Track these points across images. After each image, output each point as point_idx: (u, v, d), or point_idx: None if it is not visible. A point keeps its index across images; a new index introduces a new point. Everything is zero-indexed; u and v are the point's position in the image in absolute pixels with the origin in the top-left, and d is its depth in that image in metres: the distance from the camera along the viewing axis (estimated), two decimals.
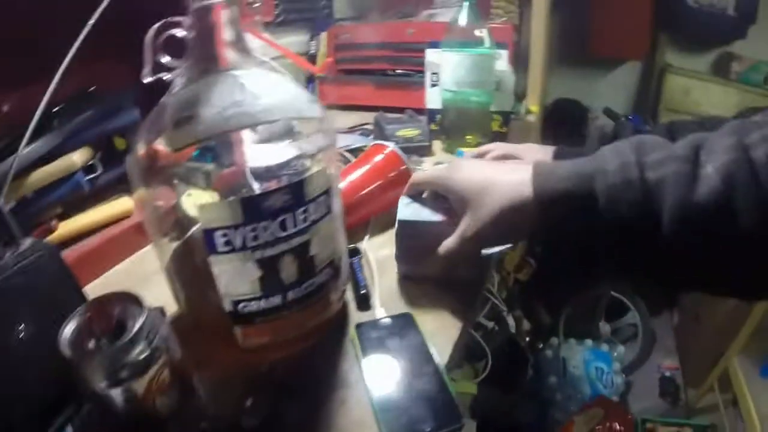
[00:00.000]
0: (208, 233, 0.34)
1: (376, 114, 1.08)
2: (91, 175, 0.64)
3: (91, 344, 0.30)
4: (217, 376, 0.40)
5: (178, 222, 0.41)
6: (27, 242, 0.35)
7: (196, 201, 0.37)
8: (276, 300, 0.38)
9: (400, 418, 0.37)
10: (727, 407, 1.49)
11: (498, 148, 0.79)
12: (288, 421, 0.37)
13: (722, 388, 1.53)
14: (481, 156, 0.79)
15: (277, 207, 0.35)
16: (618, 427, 1.29)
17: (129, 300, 0.32)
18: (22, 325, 0.33)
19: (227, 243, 0.34)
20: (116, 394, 0.30)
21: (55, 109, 0.62)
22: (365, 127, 1.11)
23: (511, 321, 1.57)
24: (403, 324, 0.47)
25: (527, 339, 1.69)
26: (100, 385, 0.29)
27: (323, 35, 1.43)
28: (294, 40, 1.48)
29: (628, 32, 2.54)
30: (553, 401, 1.53)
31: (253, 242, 0.35)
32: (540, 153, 0.76)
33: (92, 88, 0.68)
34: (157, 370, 0.31)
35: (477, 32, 0.92)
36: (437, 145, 1.00)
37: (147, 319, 0.30)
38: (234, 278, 0.36)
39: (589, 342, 1.74)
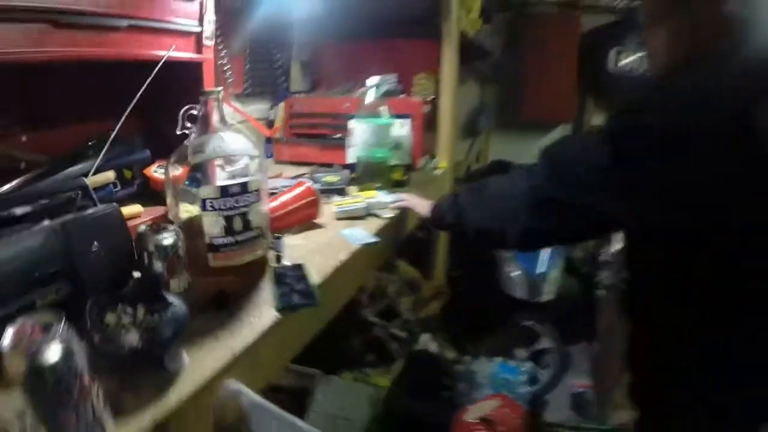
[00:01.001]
0: (203, 201, 0.82)
1: (313, 167, 1.59)
2: (115, 189, 1.11)
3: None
4: (199, 284, 0.87)
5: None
6: (102, 206, 0.82)
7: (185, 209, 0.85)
8: (231, 239, 0.85)
9: (284, 297, 0.84)
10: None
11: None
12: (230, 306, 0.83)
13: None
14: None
15: (234, 192, 0.83)
16: (511, 413, 1.71)
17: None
18: (96, 245, 0.77)
19: (211, 207, 0.82)
20: (158, 266, 0.76)
21: (91, 142, 1.09)
22: (304, 175, 1.60)
23: (426, 337, 2.04)
24: (298, 268, 0.94)
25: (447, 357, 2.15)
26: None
27: (281, 105, 1.95)
28: (258, 107, 1.99)
29: (556, 98, 3.16)
30: (461, 404, 1.96)
31: (222, 207, 0.83)
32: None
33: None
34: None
35: (380, 108, 1.45)
36: (353, 188, 1.49)
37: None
38: (212, 226, 0.84)
39: (498, 359, 2.19)
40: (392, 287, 1.80)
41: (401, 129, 1.54)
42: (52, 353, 0.46)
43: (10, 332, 0.47)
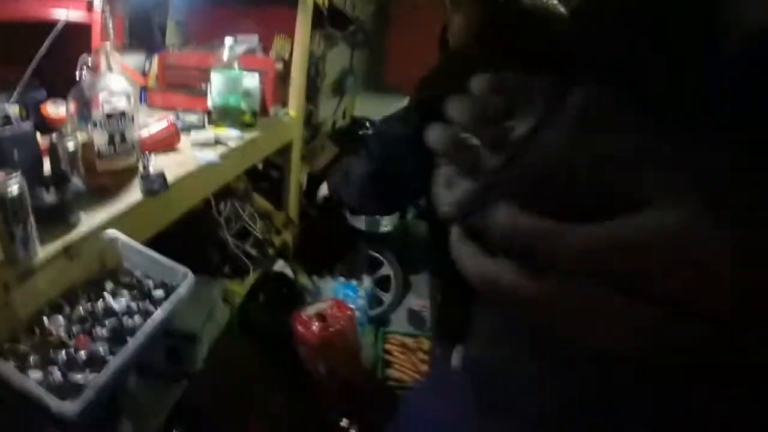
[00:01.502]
0: (95, 122, 1.25)
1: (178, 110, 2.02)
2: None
3: None
4: (90, 181, 1.30)
5: None
6: (23, 124, 1.23)
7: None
8: (112, 149, 1.29)
9: (147, 185, 1.29)
10: None
11: None
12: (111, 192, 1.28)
13: None
14: None
15: (115, 116, 1.27)
16: (339, 311, 2.26)
17: None
18: (17, 151, 1.20)
19: (100, 126, 1.25)
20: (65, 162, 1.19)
21: None
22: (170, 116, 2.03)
23: (281, 263, 2.55)
24: (158, 173, 1.39)
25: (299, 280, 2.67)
26: None
27: (156, 57, 2.33)
28: (136, 59, 2.36)
29: (417, 67, 3.69)
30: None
31: (106, 126, 1.26)
32: None
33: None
34: None
35: (235, 62, 1.90)
36: (210, 127, 1.93)
37: None
38: (99, 139, 1.27)
39: (342, 279, 2.75)
40: (246, 214, 2.27)
41: (251, 81, 2.00)
42: (13, 188, 0.90)
43: None
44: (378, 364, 2.57)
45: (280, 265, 2.61)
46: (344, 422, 1.85)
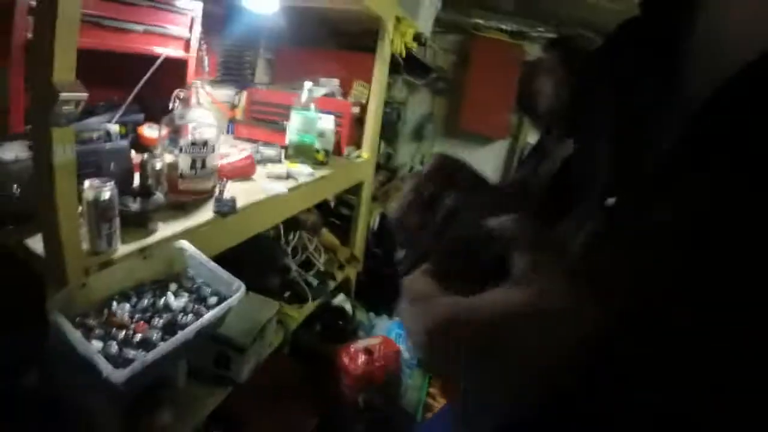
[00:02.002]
0: (181, 147, 1.48)
1: (260, 143, 2.27)
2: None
3: None
4: (171, 197, 1.53)
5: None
6: (120, 141, 1.48)
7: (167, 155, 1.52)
8: (193, 172, 1.52)
9: (219, 207, 1.51)
10: None
11: None
12: (186, 209, 1.50)
13: None
14: None
15: (199, 144, 1.50)
16: (387, 348, 2.39)
17: None
18: (113, 164, 1.44)
19: (185, 150, 1.48)
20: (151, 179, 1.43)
21: (100, 103, 1.76)
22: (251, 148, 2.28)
23: (341, 297, 2.74)
24: (231, 198, 1.60)
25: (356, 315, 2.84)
26: None
27: (245, 92, 2.62)
28: (226, 92, 2.66)
29: (492, 115, 3.89)
30: None
31: (190, 151, 1.49)
32: None
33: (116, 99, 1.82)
34: None
35: (311, 104, 2.13)
36: (285, 161, 2.16)
37: None
38: (183, 163, 1.50)
39: (397, 318, 2.89)
40: (313, 246, 2.47)
41: (326, 122, 2.22)
42: (105, 194, 1.12)
43: (87, 182, 1.13)
44: (419, 408, 2.66)
45: (340, 299, 2.81)
46: None
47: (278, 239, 2.31)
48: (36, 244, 1.13)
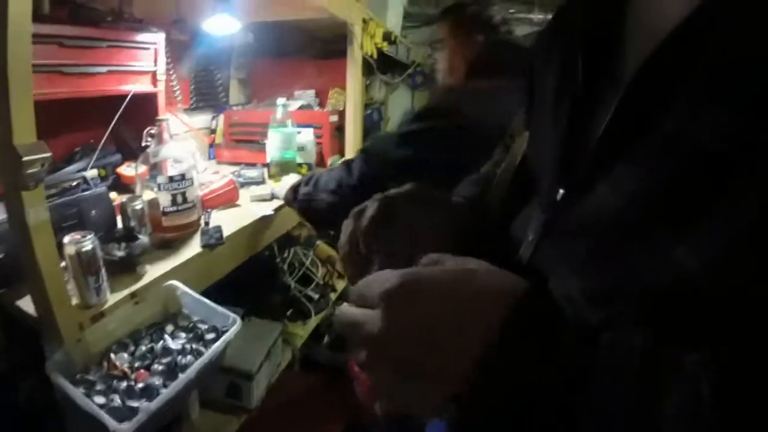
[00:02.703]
0: (159, 184, 1.48)
1: (242, 165, 2.26)
2: (99, 182, 1.76)
3: None
4: (156, 235, 1.53)
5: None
6: (97, 189, 1.48)
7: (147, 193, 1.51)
8: (175, 208, 1.51)
9: (205, 239, 1.50)
10: None
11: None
12: (173, 246, 1.50)
13: None
14: None
15: (177, 179, 1.49)
16: None
17: None
18: (94, 211, 1.43)
19: (164, 188, 1.48)
20: (133, 221, 1.42)
21: (76, 150, 1.75)
22: (234, 172, 2.27)
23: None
24: (216, 227, 1.60)
25: None
26: None
27: (221, 116, 2.61)
28: (202, 118, 2.65)
29: None
30: None
31: (169, 188, 1.49)
32: None
33: (92, 143, 1.81)
34: None
35: (288, 119, 2.13)
36: (270, 181, 2.16)
37: None
38: (164, 199, 1.50)
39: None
40: (308, 260, 2.46)
41: (305, 136, 2.22)
42: (87, 246, 1.12)
43: (66, 238, 1.12)
44: None
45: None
46: None
47: (273, 258, 2.30)
48: (28, 305, 1.13)
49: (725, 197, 0.34)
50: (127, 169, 1.84)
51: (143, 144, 1.52)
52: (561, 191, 0.50)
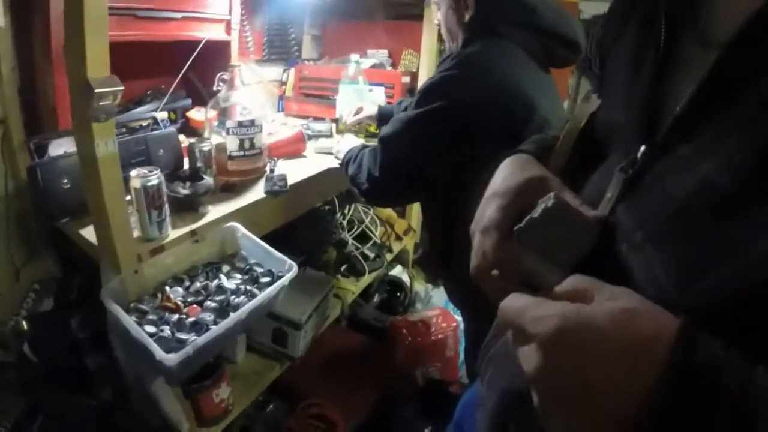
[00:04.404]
0: (228, 128, 1.49)
1: (310, 119, 2.26)
2: (168, 124, 1.79)
3: None
4: (221, 179, 1.54)
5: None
6: (167, 129, 1.49)
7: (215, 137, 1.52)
8: (242, 153, 1.52)
9: (269, 186, 1.50)
10: None
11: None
12: (236, 190, 1.51)
13: None
14: None
15: (246, 124, 1.49)
16: (443, 321, 2.37)
17: None
18: (161, 150, 1.45)
19: (233, 132, 1.49)
20: (200, 162, 1.44)
21: (148, 92, 1.78)
22: (303, 124, 2.27)
23: (400, 268, 2.73)
24: (281, 175, 1.60)
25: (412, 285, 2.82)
26: None
27: (292, 69, 2.60)
28: (273, 70, 2.65)
29: None
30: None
31: (238, 133, 1.49)
32: None
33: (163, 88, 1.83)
34: None
35: (360, 76, 2.10)
36: (337, 135, 2.14)
37: None
38: (231, 144, 1.50)
39: None
40: (367, 218, 2.46)
41: (377, 94, 2.19)
42: (152, 181, 1.13)
43: (133, 171, 1.14)
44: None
45: (397, 271, 2.80)
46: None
47: (334, 213, 2.30)
48: (90, 233, 1.16)
49: None
50: (196, 114, 1.85)
51: (214, 89, 1.52)
52: (642, 148, 0.47)
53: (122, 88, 0.94)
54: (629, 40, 0.55)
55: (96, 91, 0.90)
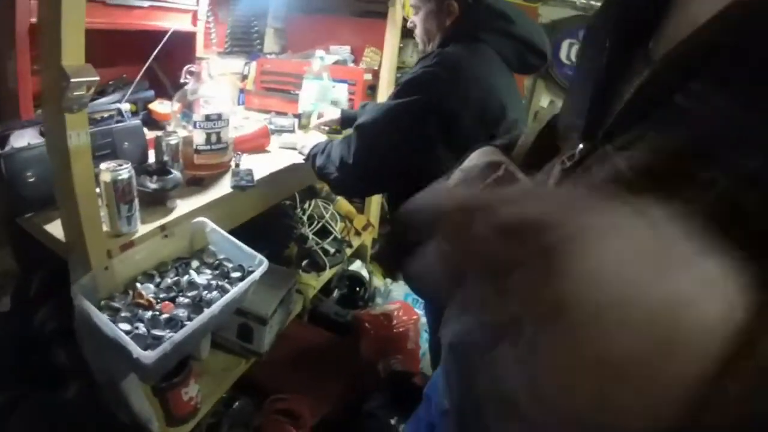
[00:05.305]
0: (195, 122, 1.45)
1: (272, 113, 2.23)
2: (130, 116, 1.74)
3: None
4: (187, 173, 1.51)
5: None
6: (132, 121, 1.46)
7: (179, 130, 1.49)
8: (208, 147, 1.49)
9: (236, 181, 1.48)
10: None
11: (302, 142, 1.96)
12: (203, 184, 1.48)
13: None
14: None
15: (213, 118, 1.46)
16: (405, 315, 2.39)
17: None
18: (126, 143, 1.42)
19: (200, 126, 1.46)
20: (166, 155, 1.40)
21: (110, 83, 1.72)
22: (266, 119, 2.24)
23: (359, 264, 2.73)
24: (247, 169, 1.58)
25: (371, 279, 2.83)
26: None
27: (254, 63, 2.57)
28: (236, 63, 2.61)
29: None
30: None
31: (204, 126, 1.46)
32: None
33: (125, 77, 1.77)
34: None
35: (324, 73, 2.09)
36: (299, 131, 2.13)
37: None
38: (198, 138, 1.47)
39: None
40: (327, 213, 2.45)
41: (339, 91, 2.18)
42: (123, 174, 1.10)
43: (103, 165, 1.10)
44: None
45: (357, 266, 2.80)
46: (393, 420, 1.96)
47: (294, 208, 2.28)
48: (55, 229, 1.12)
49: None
50: (159, 106, 1.81)
51: (181, 81, 1.49)
52: (580, 146, 0.55)
53: (97, 78, 0.91)
54: (589, 56, 0.64)
55: (72, 80, 0.87)
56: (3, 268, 1.45)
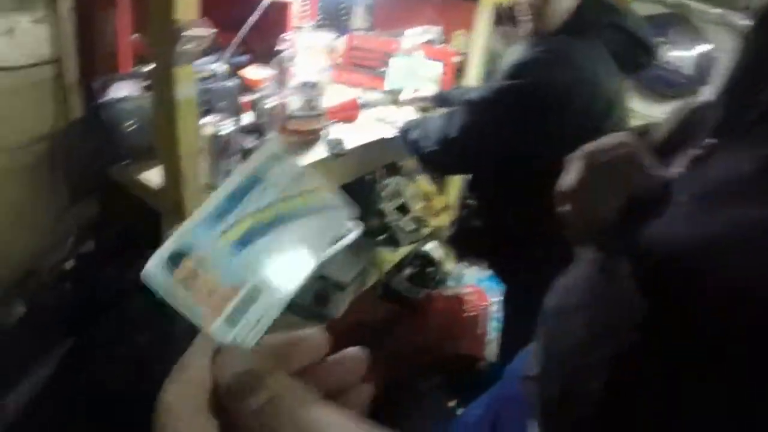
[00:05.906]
0: (291, 88, 1.47)
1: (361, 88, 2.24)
2: None
3: None
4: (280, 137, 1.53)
5: None
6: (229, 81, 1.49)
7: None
8: (303, 113, 1.50)
9: (330, 147, 1.49)
10: None
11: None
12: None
13: None
14: None
15: (309, 86, 1.48)
16: (477, 299, 2.36)
17: None
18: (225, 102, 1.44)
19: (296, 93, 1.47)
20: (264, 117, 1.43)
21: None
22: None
23: (433, 244, 2.72)
24: (339, 139, 1.58)
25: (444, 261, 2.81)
26: None
27: (343, 38, 2.57)
28: (326, 37, 2.61)
29: None
30: None
31: (301, 93, 1.48)
32: None
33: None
34: None
35: (416, 51, 2.07)
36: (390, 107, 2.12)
37: None
38: (294, 104, 1.49)
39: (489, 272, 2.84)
40: (408, 192, 2.45)
41: (434, 69, 2.16)
42: (225, 130, 1.12)
43: (207, 118, 1.13)
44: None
45: (431, 246, 2.79)
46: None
47: (375, 182, 2.29)
48: (150, 178, 1.15)
49: None
50: (252, 71, 1.84)
51: (276, 49, 1.51)
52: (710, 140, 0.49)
53: (209, 33, 0.93)
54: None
55: (184, 34, 0.88)
56: (89, 216, 1.50)
